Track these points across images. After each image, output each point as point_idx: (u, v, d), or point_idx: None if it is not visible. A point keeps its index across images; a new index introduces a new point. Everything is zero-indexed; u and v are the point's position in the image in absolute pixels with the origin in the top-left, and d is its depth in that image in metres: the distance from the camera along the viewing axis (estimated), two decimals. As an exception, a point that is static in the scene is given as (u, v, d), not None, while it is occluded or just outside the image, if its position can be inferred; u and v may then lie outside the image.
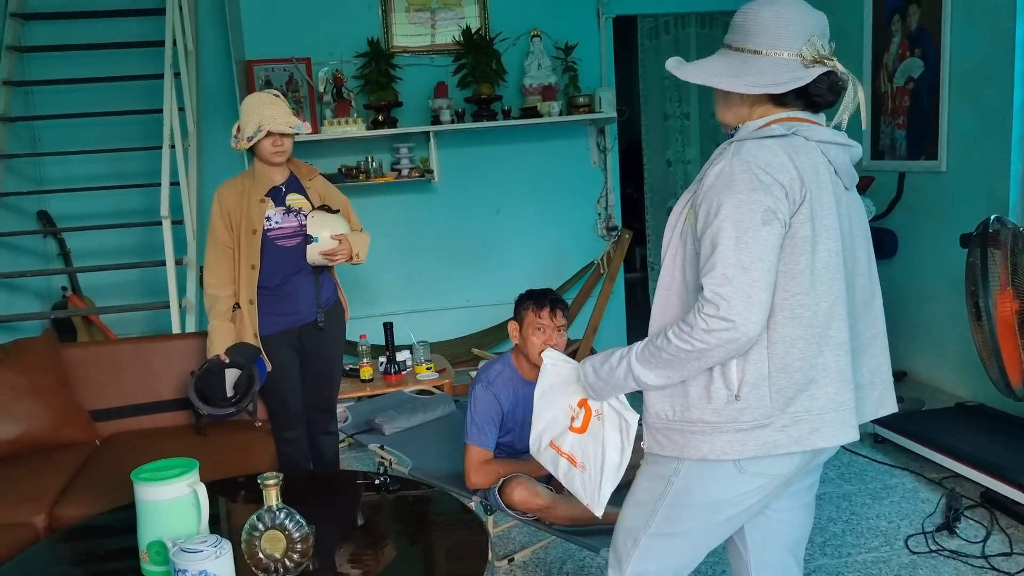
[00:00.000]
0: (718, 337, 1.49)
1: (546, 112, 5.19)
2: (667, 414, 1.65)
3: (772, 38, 1.59)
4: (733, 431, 1.58)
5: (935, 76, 4.24)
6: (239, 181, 3.11)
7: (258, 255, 3.03)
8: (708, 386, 1.59)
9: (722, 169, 1.54)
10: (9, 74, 4.72)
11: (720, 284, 1.48)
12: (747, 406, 1.57)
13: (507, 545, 3.16)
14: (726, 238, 1.49)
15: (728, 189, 1.51)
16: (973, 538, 3.02)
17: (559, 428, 1.95)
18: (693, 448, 1.62)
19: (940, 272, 4.28)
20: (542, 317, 2.72)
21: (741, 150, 1.54)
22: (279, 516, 1.89)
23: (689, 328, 1.52)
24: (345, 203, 3.29)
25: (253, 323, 3.08)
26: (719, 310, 1.48)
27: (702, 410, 1.60)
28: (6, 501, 2.73)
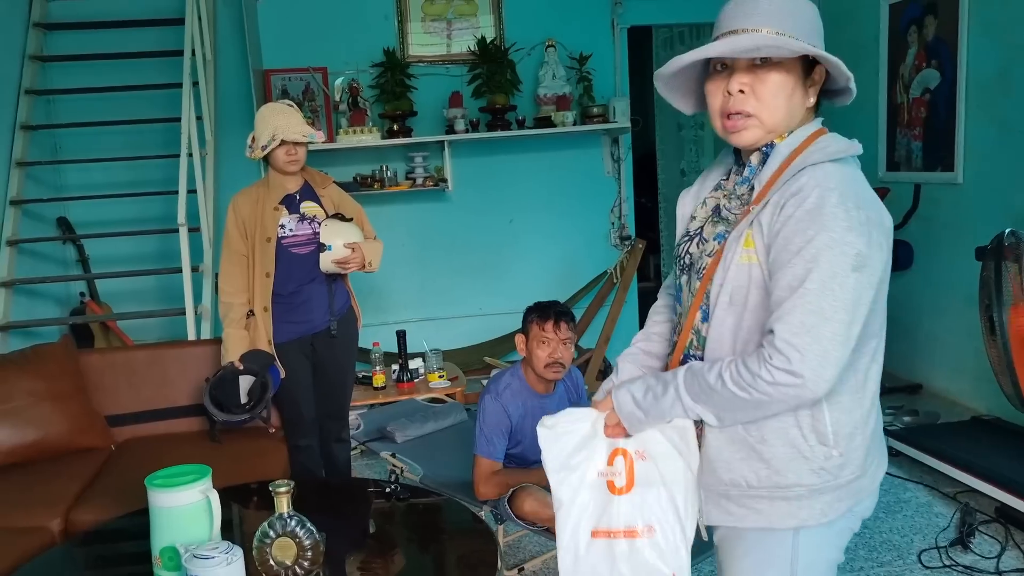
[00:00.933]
0: (782, 392, 1.32)
1: (560, 122, 5.21)
2: (748, 480, 1.44)
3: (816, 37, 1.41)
4: (832, 489, 1.41)
5: (952, 87, 4.23)
6: (254, 190, 3.13)
7: (272, 263, 3.05)
8: (797, 444, 1.40)
9: (804, 200, 1.33)
10: (31, 83, 4.78)
11: (796, 334, 1.30)
12: (847, 460, 1.41)
13: (517, 555, 3.16)
14: (811, 282, 1.30)
15: (817, 224, 1.31)
16: (987, 553, 3.00)
17: (597, 506, 1.55)
18: (786, 515, 1.42)
19: (956, 285, 4.25)
20: (546, 330, 2.72)
21: (827, 177, 1.34)
22: (290, 523, 1.90)
23: (751, 376, 1.34)
24: (359, 211, 3.30)
25: (267, 330, 3.09)
26: (790, 363, 1.30)
27: (798, 473, 1.40)
28: (23, 506, 2.77)
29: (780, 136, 1.45)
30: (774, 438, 1.41)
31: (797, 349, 1.30)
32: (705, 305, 1.48)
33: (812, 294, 1.30)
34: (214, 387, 3.09)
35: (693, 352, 1.53)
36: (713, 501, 1.49)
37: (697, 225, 1.58)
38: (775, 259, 1.36)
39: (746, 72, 1.41)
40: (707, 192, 1.62)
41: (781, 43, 1.34)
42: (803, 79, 1.43)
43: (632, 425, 1.50)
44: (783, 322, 1.32)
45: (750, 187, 1.47)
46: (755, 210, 1.41)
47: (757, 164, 1.48)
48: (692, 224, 1.60)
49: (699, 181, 1.67)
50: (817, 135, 1.44)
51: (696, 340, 1.52)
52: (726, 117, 1.44)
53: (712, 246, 1.50)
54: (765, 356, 1.32)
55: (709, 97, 1.48)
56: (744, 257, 1.41)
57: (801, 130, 1.45)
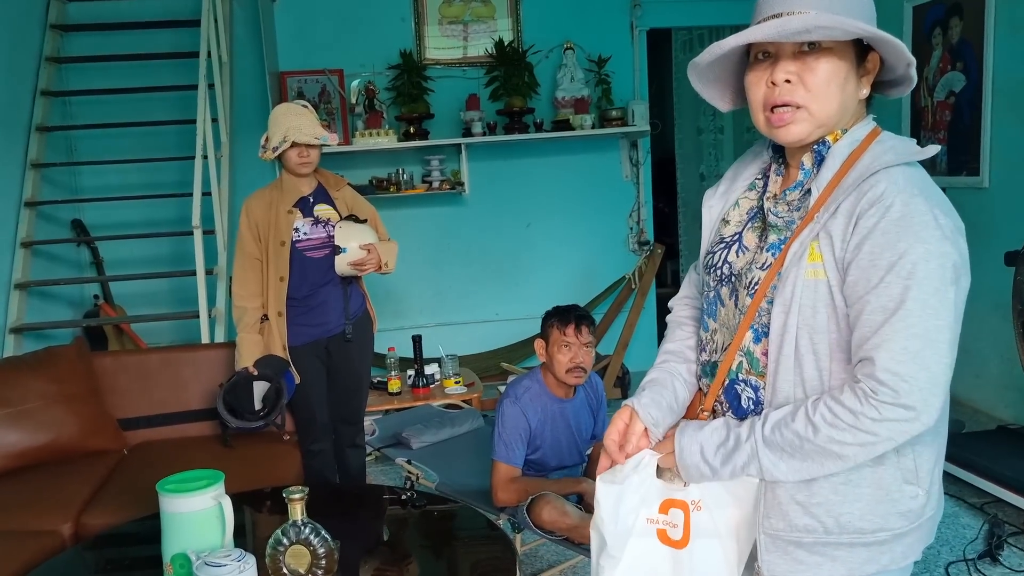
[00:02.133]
0: (891, 429, 1.17)
1: (578, 125, 5.17)
2: (827, 526, 1.28)
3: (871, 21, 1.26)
4: (915, 530, 1.29)
5: (977, 90, 4.16)
6: (267, 192, 3.09)
7: (287, 267, 3.02)
8: (884, 484, 1.27)
9: (889, 207, 1.19)
10: (48, 84, 4.77)
11: (901, 362, 1.15)
12: (930, 497, 1.29)
13: (535, 563, 3.11)
14: (912, 301, 1.16)
15: (910, 235, 1.17)
16: (1017, 567, 2.92)
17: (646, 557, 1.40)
18: (866, 562, 1.28)
19: (981, 291, 4.14)
20: (567, 334, 2.67)
21: (908, 181, 1.21)
22: (304, 531, 1.86)
23: (852, 416, 1.18)
24: (373, 213, 3.26)
25: (282, 335, 3.05)
26: (899, 396, 1.15)
27: (884, 517, 1.27)
28: (34, 509, 2.74)
29: (833, 134, 1.30)
30: (858, 478, 1.26)
31: (904, 379, 1.15)
32: (758, 325, 1.32)
33: (914, 316, 1.16)
34: (227, 392, 3.05)
35: (743, 376, 1.37)
36: (780, 550, 1.32)
37: (733, 230, 1.43)
38: (860, 277, 1.20)
39: (792, 60, 1.26)
40: (739, 192, 1.47)
41: (837, 23, 1.19)
42: (856, 67, 1.28)
43: (693, 478, 1.35)
44: (884, 349, 1.16)
45: (804, 191, 1.32)
46: (820, 218, 1.25)
47: (811, 166, 1.33)
48: (726, 229, 1.45)
49: (727, 180, 1.52)
50: (875, 135, 1.30)
51: (748, 363, 1.36)
52: (770, 110, 1.29)
53: (764, 258, 1.33)
54: (867, 391, 1.17)
55: (750, 89, 1.33)
56: (810, 272, 1.25)
57: (857, 128, 1.30)
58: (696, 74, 1.39)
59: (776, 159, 1.43)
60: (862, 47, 1.29)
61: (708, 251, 1.48)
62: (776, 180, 1.41)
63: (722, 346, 1.42)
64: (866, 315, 1.20)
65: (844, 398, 1.19)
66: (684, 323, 1.64)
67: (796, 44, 1.26)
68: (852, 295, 1.22)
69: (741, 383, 1.38)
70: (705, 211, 1.52)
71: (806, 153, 1.34)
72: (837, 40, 1.24)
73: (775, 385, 1.30)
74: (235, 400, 3.04)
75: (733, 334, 1.38)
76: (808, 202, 1.31)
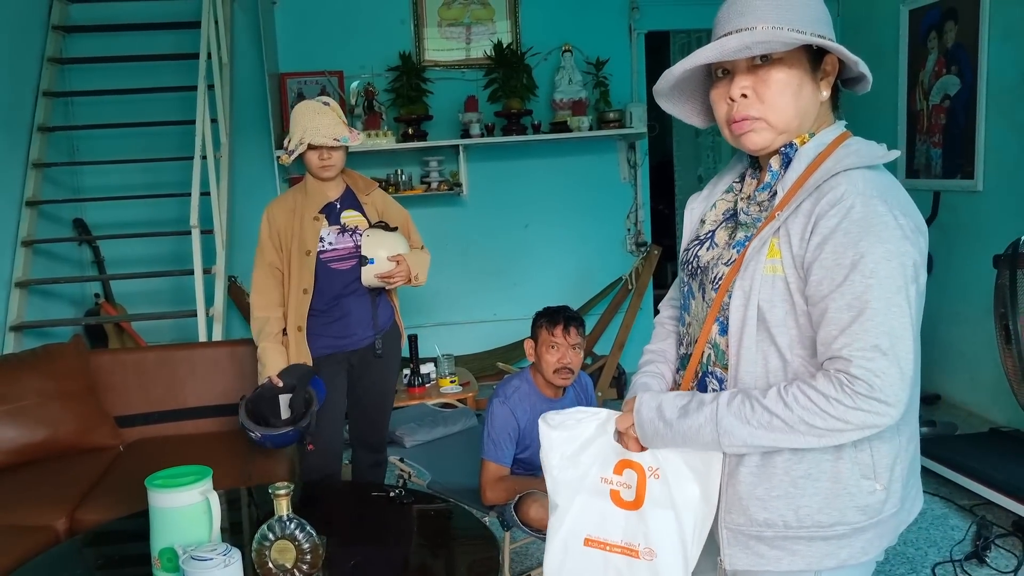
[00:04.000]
0: (863, 419, 1.21)
1: (576, 127, 5.19)
2: (786, 520, 1.32)
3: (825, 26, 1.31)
4: (874, 526, 1.32)
5: (972, 93, 4.17)
6: (290, 197, 2.88)
7: (311, 278, 2.81)
8: (841, 479, 1.30)
9: (851, 209, 1.23)
10: (49, 85, 4.81)
11: (872, 358, 1.20)
12: (889, 494, 1.31)
13: (524, 562, 3.13)
14: (876, 299, 1.20)
15: (870, 235, 1.21)
16: (1004, 568, 2.94)
17: (595, 513, 1.46)
18: (825, 556, 1.32)
19: (974, 294, 4.19)
20: (555, 335, 2.70)
21: (867, 184, 1.25)
22: (289, 526, 1.89)
23: (825, 400, 1.22)
24: (406, 218, 3.08)
25: (301, 352, 2.83)
26: (873, 391, 1.19)
27: (841, 511, 1.30)
28: (30, 504, 2.78)
29: (800, 137, 1.35)
30: (817, 472, 1.30)
31: (877, 374, 1.19)
32: (723, 317, 1.37)
33: (880, 313, 1.20)
34: (251, 403, 2.75)
35: (711, 368, 1.41)
36: (741, 544, 1.36)
37: (708, 229, 1.49)
38: (824, 277, 1.24)
39: (747, 74, 1.32)
40: (718, 196, 1.53)
41: (772, 36, 1.25)
42: (812, 72, 1.33)
43: (647, 436, 1.38)
44: (855, 348, 1.21)
45: (772, 192, 1.37)
46: (781, 216, 1.30)
47: (779, 168, 1.37)
48: (702, 228, 1.51)
49: (710, 185, 1.58)
50: (843, 139, 1.34)
51: (715, 355, 1.40)
52: (733, 123, 1.35)
53: (731, 254, 1.39)
54: (843, 381, 1.21)
55: (714, 106, 1.40)
56: (768, 268, 1.30)
57: (825, 132, 1.35)
58: (664, 99, 1.46)
59: (752, 163, 1.49)
60: (818, 52, 1.33)
61: (685, 248, 1.54)
62: (750, 183, 1.46)
63: (694, 339, 1.46)
64: (832, 313, 1.24)
65: (819, 383, 1.23)
66: (666, 323, 1.68)
67: (748, 59, 1.31)
68: (816, 294, 1.26)
69: (709, 375, 1.42)
70: (687, 213, 1.58)
71: (775, 156, 1.38)
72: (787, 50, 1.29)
73: (737, 377, 1.35)
74: (259, 411, 2.73)
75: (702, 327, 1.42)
76: (775, 202, 1.36)
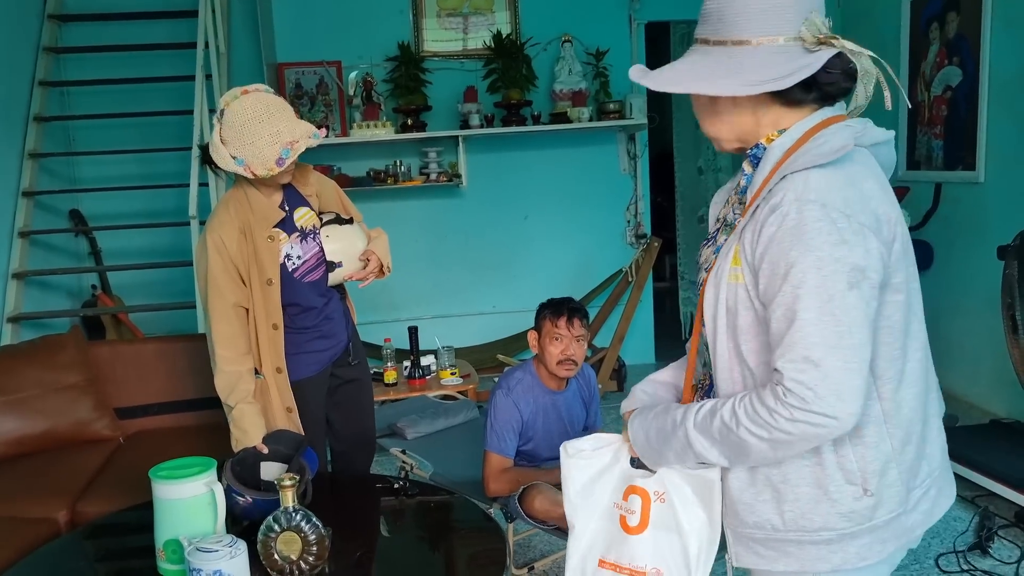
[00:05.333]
0: (804, 431, 1.19)
1: (576, 118, 5.17)
2: (774, 523, 1.31)
3: (761, 22, 1.24)
4: (869, 532, 1.27)
5: (973, 85, 4.16)
6: (234, 216, 2.37)
7: (279, 310, 2.42)
8: (824, 486, 1.27)
9: (785, 216, 1.20)
10: (45, 74, 4.78)
11: (802, 371, 1.17)
12: (880, 499, 1.26)
13: (527, 553, 3.13)
14: (805, 310, 1.17)
15: (801, 244, 1.18)
16: (1007, 559, 2.94)
17: (607, 537, 1.49)
18: (816, 559, 1.29)
19: (976, 286, 4.19)
20: (559, 327, 2.68)
21: (807, 187, 1.20)
22: (295, 518, 1.88)
23: (768, 413, 1.20)
24: (339, 192, 2.69)
25: (284, 397, 2.48)
26: (806, 403, 1.17)
27: (825, 516, 1.27)
28: (30, 496, 2.77)
29: (768, 136, 1.31)
30: (797, 478, 1.28)
31: (808, 387, 1.17)
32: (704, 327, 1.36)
33: (810, 325, 1.17)
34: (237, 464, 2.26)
35: (699, 380, 1.42)
36: (743, 544, 1.36)
37: (714, 229, 1.47)
38: (767, 286, 1.23)
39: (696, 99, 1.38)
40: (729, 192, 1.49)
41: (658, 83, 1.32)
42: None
43: (650, 461, 1.40)
44: (786, 358, 1.19)
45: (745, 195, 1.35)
46: (742, 223, 1.28)
47: (751, 170, 1.34)
48: (713, 226, 1.49)
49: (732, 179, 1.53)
50: (819, 128, 1.27)
51: (700, 367, 1.41)
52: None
53: (709, 257, 1.38)
54: (779, 393, 1.19)
55: None
56: (732, 276, 1.29)
57: (800, 125, 1.29)
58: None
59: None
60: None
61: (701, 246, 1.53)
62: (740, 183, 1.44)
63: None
64: (772, 323, 1.23)
65: (765, 395, 1.21)
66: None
67: None
68: (764, 302, 1.25)
69: (699, 386, 1.44)
70: (711, 209, 1.55)
71: (745, 160, 1.37)
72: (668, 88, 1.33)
73: (718, 383, 1.35)
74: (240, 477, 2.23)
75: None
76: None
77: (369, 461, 2.92)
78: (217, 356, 2.38)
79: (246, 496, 2.13)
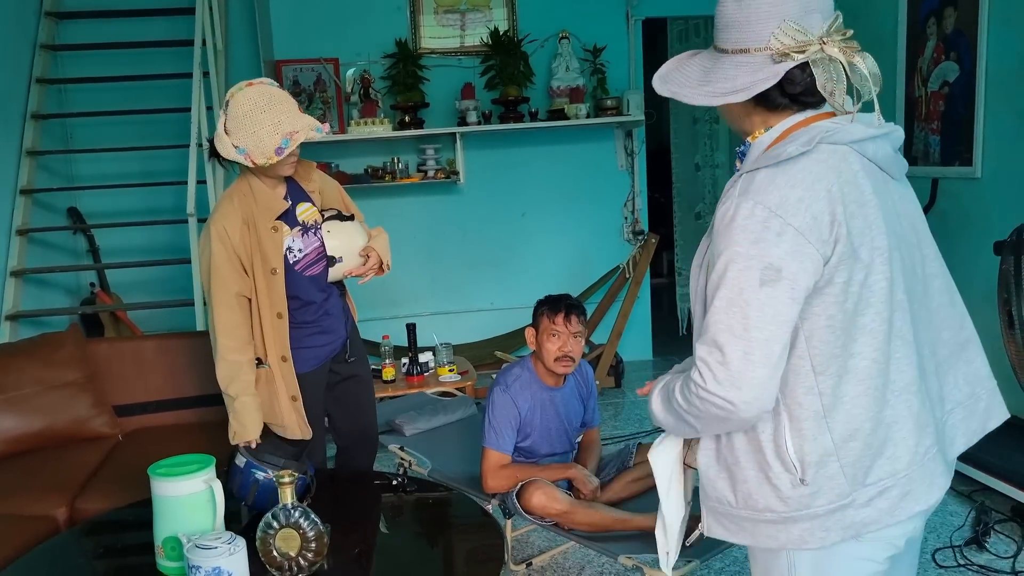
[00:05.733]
0: (709, 410, 1.30)
1: (573, 114, 5.17)
2: (729, 499, 1.41)
3: (736, 32, 1.31)
4: (808, 519, 1.34)
5: (971, 80, 4.16)
6: (237, 208, 2.42)
7: (283, 299, 2.47)
8: (765, 470, 1.35)
9: (726, 211, 1.29)
10: (43, 72, 4.78)
11: (709, 353, 1.28)
12: (817, 489, 1.32)
13: (526, 549, 3.13)
14: (719, 298, 1.27)
15: (726, 238, 1.28)
16: (1003, 553, 2.95)
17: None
18: (766, 536, 1.38)
19: (973, 282, 4.18)
20: (556, 323, 2.69)
21: (751, 185, 1.28)
22: (294, 514, 1.88)
23: (690, 387, 1.32)
24: (341, 192, 2.74)
25: (289, 386, 2.52)
26: (705, 382, 1.28)
27: (767, 498, 1.36)
28: (29, 494, 2.77)
29: (754, 134, 1.39)
30: (745, 460, 1.37)
31: (709, 368, 1.27)
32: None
33: (720, 312, 1.27)
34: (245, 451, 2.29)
35: None
36: (712, 515, 1.46)
37: None
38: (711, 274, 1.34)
39: None
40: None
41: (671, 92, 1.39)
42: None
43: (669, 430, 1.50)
44: (700, 341, 1.30)
45: None
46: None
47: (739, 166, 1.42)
48: None
49: None
50: (793, 129, 1.34)
51: None
52: None
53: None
54: (693, 371, 1.31)
55: None
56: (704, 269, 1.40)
57: (780, 125, 1.36)
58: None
59: None
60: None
61: None
62: None
63: None
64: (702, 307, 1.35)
65: (692, 371, 1.32)
66: None
67: None
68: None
69: None
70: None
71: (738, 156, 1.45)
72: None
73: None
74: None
75: None
76: None
77: (372, 458, 2.94)
78: (219, 345, 2.41)
79: (267, 471, 2.14)
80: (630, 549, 2.35)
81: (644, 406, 4.86)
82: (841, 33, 1.32)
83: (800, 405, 1.31)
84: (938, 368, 1.45)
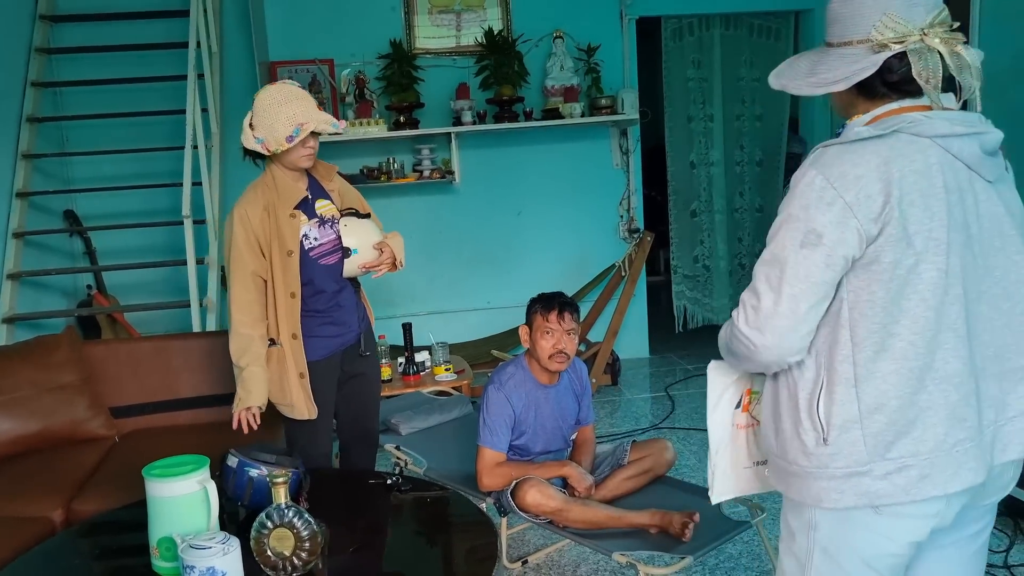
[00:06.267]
0: (736, 345, 1.48)
1: (568, 113, 5.18)
2: (771, 447, 1.54)
3: (840, 27, 1.44)
4: (826, 478, 1.42)
5: (963, 78, 4.17)
6: (260, 196, 2.61)
7: (297, 280, 2.61)
8: (796, 424, 1.46)
9: (796, 177, 1.42)
10: (38, 75, 4.78)
11: (748, 296, 1.44)
12: (838, 451, 1.41)
13: (521, 547, 3.15)
14: (767, 251, 1.43)
15: (788, 200, 1.41)
16: (995, 547, 2.96)
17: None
18: (796, 489, 1.49)
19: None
20: (550, 321, 2.70)
21: (821, 158, 1.40)
22: (288, 514, 1.89)
23: (731, 322, 1.48)
24: (362, 199, 2.94)
25: (298, 363, 2.64)
26: (738, 322, 1.45)
27: (795, 451, 1.47)
28: (25, 495, 2.78)
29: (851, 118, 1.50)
30: (785, 412, 1.49)
31: (745, 310, 1.44)
32: None
33: (764, 263, 1.42)
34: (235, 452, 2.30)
35: None
36: (770, 464, 1.58)
37: None
38: None
39: None
40: None
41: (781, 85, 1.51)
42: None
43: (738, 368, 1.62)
44: (750, 283, 1.45)
45: None
46: None
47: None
48: None
49: None
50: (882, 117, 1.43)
51: None
52: None
53: None
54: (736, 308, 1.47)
55: None
56: None
57: (877, 111, 1.45)
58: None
59: None
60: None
61: None
62: None
63: None
64: None
65: (735, 309, 1.48)
66: None
67: None
68: None
69: None
70: None
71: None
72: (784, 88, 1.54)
73: None
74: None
75: None
76: None
77: (372, 457, 3.01)
78: (233, 320, 2.59)
79: (260, 467, 2.20)
80: (624, 546, 2.36)
81: (640, 404, 4.89)
82: (945, 25, 1.39)
83: (835, 371, 1.41)
84: (1003, 374, 1.45)
